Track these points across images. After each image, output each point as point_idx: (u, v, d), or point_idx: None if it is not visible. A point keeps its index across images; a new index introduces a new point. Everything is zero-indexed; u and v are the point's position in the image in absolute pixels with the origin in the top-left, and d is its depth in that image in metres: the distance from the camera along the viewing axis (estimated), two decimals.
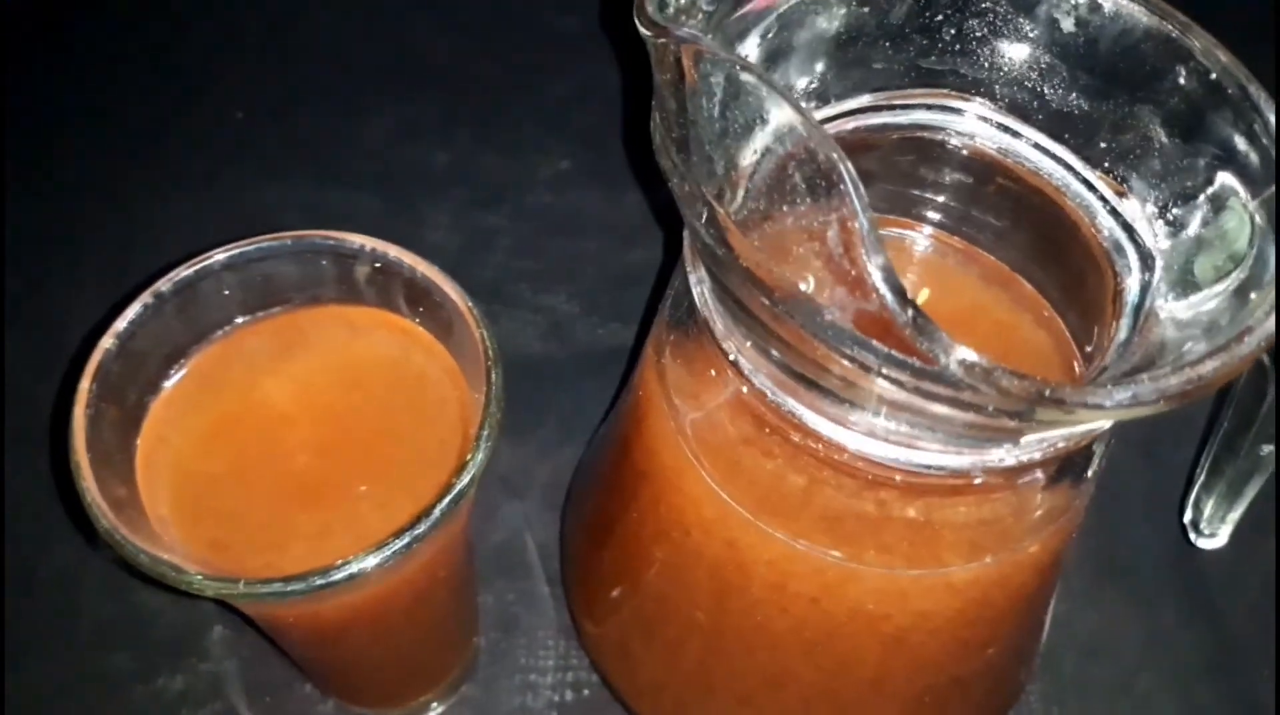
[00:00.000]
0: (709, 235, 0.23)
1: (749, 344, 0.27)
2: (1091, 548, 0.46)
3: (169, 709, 0.43)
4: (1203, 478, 0.37)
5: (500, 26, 0.65)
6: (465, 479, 0.28)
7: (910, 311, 0.21)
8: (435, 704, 0.43)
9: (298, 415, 0.32)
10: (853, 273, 0.21)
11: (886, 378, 0.22)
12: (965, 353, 0.21)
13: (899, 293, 0.21)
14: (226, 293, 0.32)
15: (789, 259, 0.23)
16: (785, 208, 0.23)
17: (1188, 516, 0.40)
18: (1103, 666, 0.45)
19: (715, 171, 0.24)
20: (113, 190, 0.58)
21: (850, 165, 0.21)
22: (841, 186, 0.20)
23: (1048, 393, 0.21)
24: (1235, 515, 0.38)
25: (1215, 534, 0.38)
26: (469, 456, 0.28)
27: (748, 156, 0.24)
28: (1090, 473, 0.32)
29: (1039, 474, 0.29)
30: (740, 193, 0.25)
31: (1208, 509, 0.38)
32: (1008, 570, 0.32)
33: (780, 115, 0.23)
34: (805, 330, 0.22)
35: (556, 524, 0.47)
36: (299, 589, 0.26)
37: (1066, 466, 0.30)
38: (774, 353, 0.26)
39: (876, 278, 0.21)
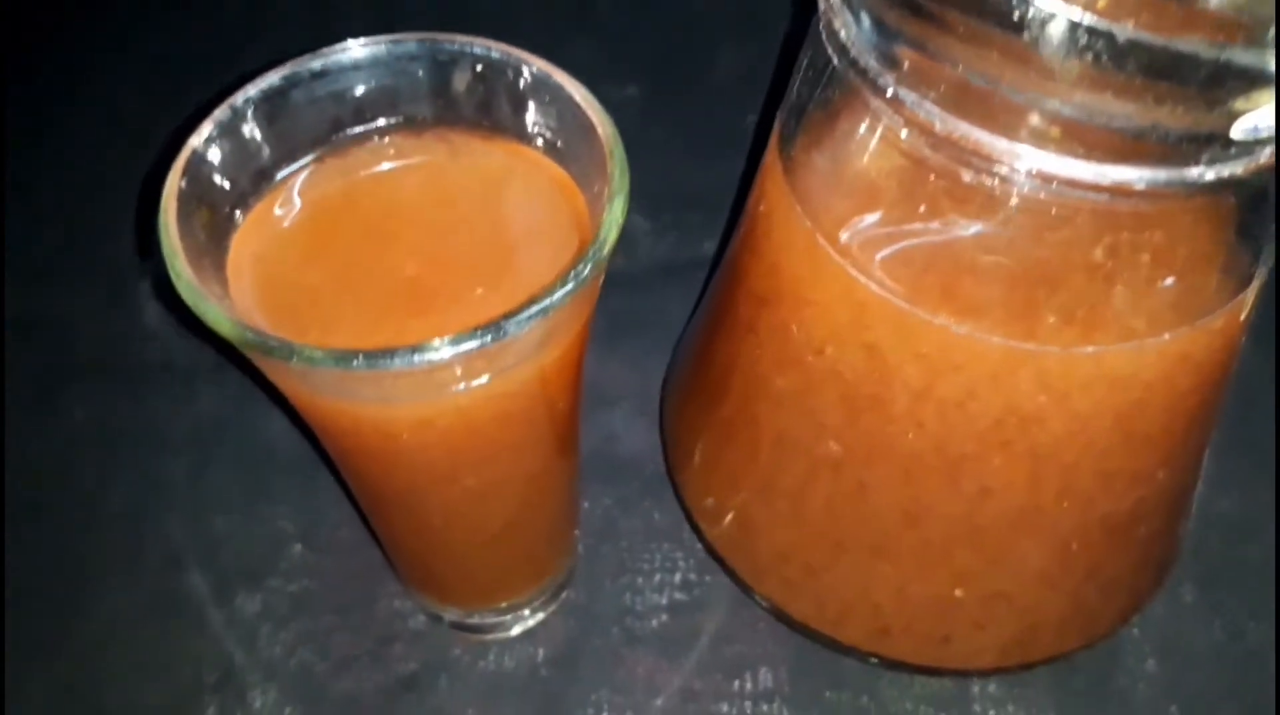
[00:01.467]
0: None
1: (912, 70, 0.24)
2: (1222, 430, 0.43)
3: (249, 629, 0.40)
4: None
5: None
6: (605, 241, 0.25)
7: None
8: (536, 610, 0.39)
9: (402, 229, 0.30)
10: None
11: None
12: None
13: None
14: (318, 104, 0.30)
15: None
16: None
17: None
18: (1251, 547, 0.42)
19: None
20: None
21: None
22: None
23: None
24: None
25: None
26: (604, 223, 0.26)
27: None
28: (1266, 252, 0.29)
29: (1224, 219, 0.27)
30: None
31: None
32: (1173, 363, 0.29)
33: None
34: None
35: (649, 430, 0.45)
36: (431, 357, 0.24)
37: (1248, 222, 0.27)
38: (950, 64, 0.23)
39: None
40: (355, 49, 0.30)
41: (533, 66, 0.29)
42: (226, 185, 0.28)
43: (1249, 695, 0.39)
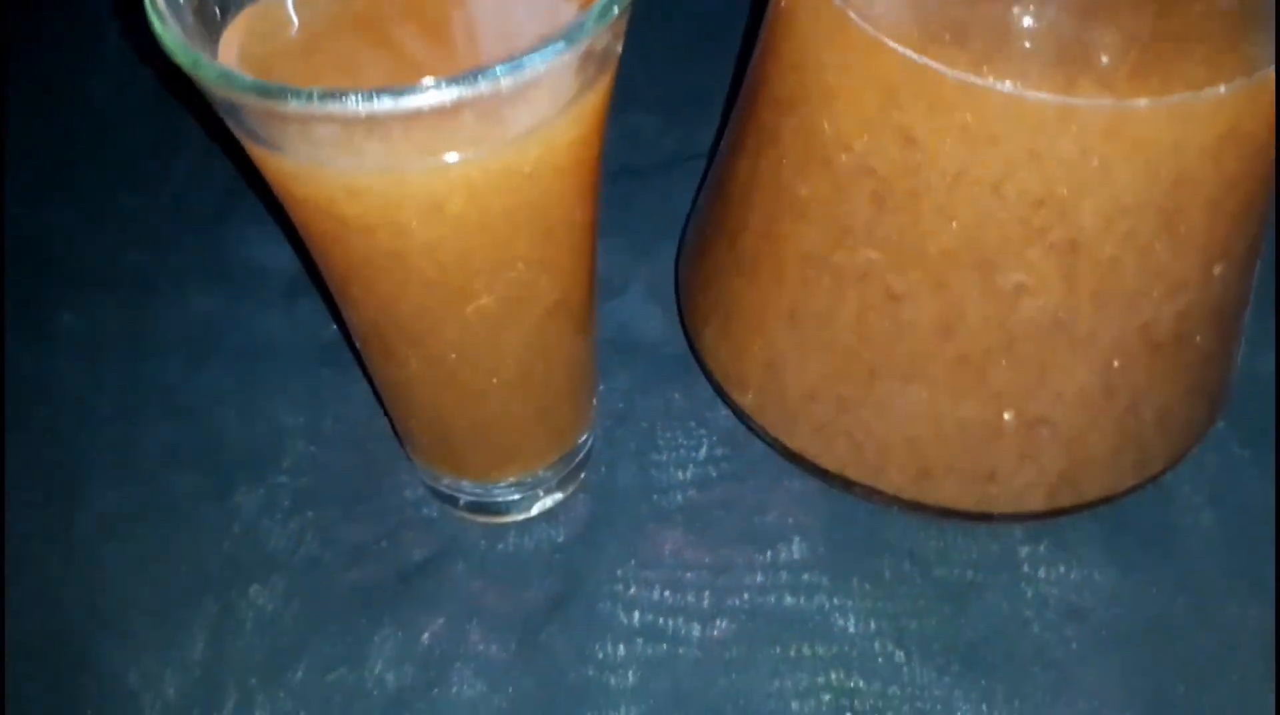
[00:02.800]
0: None
1: None
2: (1262, 290, 0.42)
3: (249, 524, 0.38)
4: None
5: None
6: None
7: None
8: (553, 490, 0.37)
9: (404, 21, 0.28)
10: None
11: None
12: None
13: None
14: None
15: None
16: None
17: None
18: None
19: None
20: None
21: None
22: None
23: None
24: None
25: None
26: None
27: None
28: None
29: None
30: None
31: None
32: (1220, 136, 0.27)
33: None
34: None
35: (664, 315, 0.43)
36: (444, 95, 0.22)
37: None
38: None
39: None
40: None
41: None
42: None
43: None
